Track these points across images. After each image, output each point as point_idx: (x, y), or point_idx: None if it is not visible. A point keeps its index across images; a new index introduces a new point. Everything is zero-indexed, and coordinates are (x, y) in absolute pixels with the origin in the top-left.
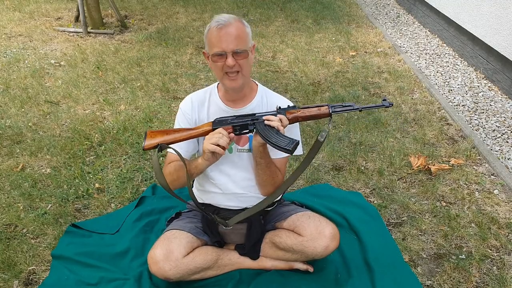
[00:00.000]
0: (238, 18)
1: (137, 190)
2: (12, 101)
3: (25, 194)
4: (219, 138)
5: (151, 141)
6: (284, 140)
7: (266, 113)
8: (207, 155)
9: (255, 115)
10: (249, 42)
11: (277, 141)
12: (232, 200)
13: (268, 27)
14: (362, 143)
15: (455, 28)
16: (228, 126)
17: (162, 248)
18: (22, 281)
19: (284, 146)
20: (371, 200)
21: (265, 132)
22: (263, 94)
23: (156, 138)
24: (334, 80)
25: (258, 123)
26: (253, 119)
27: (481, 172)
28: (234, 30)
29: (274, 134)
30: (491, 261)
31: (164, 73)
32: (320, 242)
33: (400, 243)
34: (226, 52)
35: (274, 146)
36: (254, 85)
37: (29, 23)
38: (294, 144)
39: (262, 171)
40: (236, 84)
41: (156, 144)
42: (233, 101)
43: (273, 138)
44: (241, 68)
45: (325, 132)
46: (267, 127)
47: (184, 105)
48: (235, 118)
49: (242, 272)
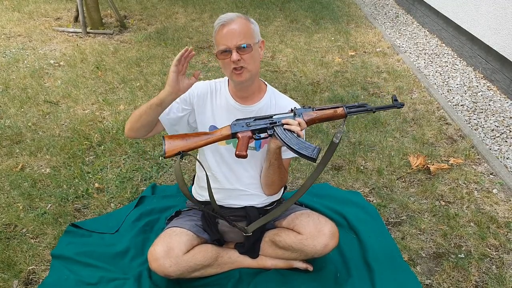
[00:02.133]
0: (243, 15)
1: (137, 190)
2: (11, 101)
3: (25, 194)
4: None
5: (171, 147)
6: (307, 147)
7: (283, 114)
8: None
9: (273, 117)
10: (255, 38)
11: (300, 148)
12: (233, 198)
13: (267, 27)
14: (362, 143)
15: (454, 28)
16: (248, 131)
17: (163, 245)
18: (22, 281)
19: (309, 155)
20: (371, 199)
21: (286, 137)
22: (271, 95)
23: (175, 142)
24: (333, 80)
25: (276, 126)
26: (271, 122)
27: (480, 171)
28: (237, 26)
29: (295, 139)
30: (490, 260)
31: (164, 73)
32: (319, 240)
33: (400, 242)
34: (230, 48)
35: (297, 153)
36: (263, 85)
37: (28, 23)
38: (318, 151)
39: (273, 172)
40: (242, 78)
41: (178, 152)
42: (242, 97)
43: (295, 144)
44: (246, 63)
45: (340, 133)
46: (286, 132)
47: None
48: (253, 121)
49: (242, 271)
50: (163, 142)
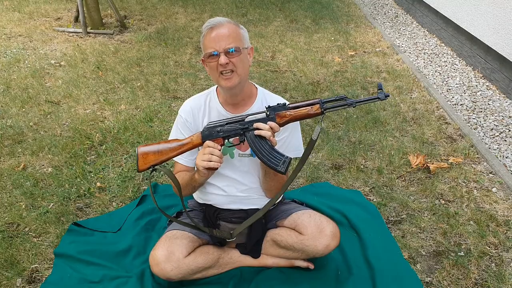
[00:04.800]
0: (232, 21)
1: (138, 189)
2: (12, 101)
3: (27, 193)
4: (210, 155)
5: (143, 162)
6: (276, 158)
7: (256, 116)
8: (202, 172)
9: (245, 120)
10: (244, 43)
11: (269, 159)
12: (235, 203)
13: (267, 27)
14: (362, 142)
15: (453, 28)
16: (218, 139)
17: (163, 249)
18: (25, 279)
19: (276, 167)
20: (371, 198)
21: (256, 145)
22: (262, 98)
23: (148, 156)
24: (333, 80)
25: (248, 132)
26: (243, 128)
27: (480, 170)
28: (225, 29)
29: (265, 148)
30: (489, 258)
31: (164, 73)
32: (321, 241)
33: (400, 241)
34: (218, 52)
35: (266, 164)
36: (254, 89)
37: (28, 24)
38: (287, 165)
39: (270, 179)
40: (231, 83)
41: (150, 166)
42: (233, 105)
43: (265, 155)
44: (235, 66)
45: (318, 130)
46: (257, 138)
47: (185, 113)
48: (225, 125)
49: (243, 270)
50: (137, 156)
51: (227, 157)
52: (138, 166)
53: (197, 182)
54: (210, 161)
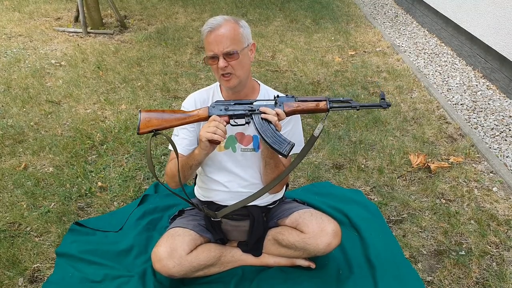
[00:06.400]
0: (232, 18)
1: (140, 189)
2: (13, 101)
3: (28, 193)
4: (215, 128)
5: (145, 125)
6: (280, 141)
7: (265, 102)
8: (204, 143)
9: (253, 104)
10: (244, 42)
11: (273, 142)
12: (237, 198)
13: (267, 27)
14: (362, 142)
15: (453, 28)
16: (225, 116)
17: (166, 246)
18: (27, 278)
19: (279, 149)
20: (372, 197)
21: (262, 128)
22: (265, 95)
23: (151, 120)
24: (334, 80)
25: (255, 115)
26: (250, 110)
27: (480, 170)
28: (224, 31)
29: (270, 131)
30: (490, 257)
31: (164, 73)
32: (322, 239)
33: (401, 240)
34: (217, 55)
35: (269, 146)
36: (256, 85)
37: (29, 24)
38: (290, 148)
39: (271, 171)
40: (230, 84)
41: (151, 130)
42: None
43: (269, 137)
44: (233, 69)
45: (320, 128)
46: (264, 121)
47: (189, 104)
48: (233, 105)
49: (245, 268)
50: (139, 116)
51: (230, 153)
52: (139, 128)
53: (195, 160)
54: (214, 134)
